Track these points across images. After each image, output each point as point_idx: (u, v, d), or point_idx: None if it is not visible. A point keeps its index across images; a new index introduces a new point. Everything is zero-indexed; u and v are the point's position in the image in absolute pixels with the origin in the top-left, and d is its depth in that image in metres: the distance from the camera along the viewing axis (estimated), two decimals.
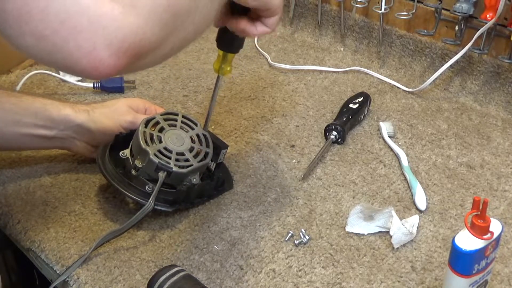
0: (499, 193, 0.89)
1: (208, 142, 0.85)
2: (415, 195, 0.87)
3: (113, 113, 0.88)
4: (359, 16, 1.23)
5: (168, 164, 0.79)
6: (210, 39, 1.30)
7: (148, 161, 0.79)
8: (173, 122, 0.85)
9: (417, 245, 0.80)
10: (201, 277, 0.75)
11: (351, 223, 0.83)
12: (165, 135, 0.82)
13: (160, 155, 0.79)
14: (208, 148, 0.84)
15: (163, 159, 0.79)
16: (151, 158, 0.78)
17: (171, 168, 0.78)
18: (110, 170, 0.81)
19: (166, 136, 0.82)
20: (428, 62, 1.16)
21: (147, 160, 0.79)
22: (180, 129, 0.85)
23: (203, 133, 0.86)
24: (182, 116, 0.87)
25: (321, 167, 0.94)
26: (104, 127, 0.86)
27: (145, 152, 0.79)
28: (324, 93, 1.12)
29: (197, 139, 0.85)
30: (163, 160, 0.79)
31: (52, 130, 0.85)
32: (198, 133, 0.86)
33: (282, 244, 0.80)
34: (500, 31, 1.04)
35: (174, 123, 0.85)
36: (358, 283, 0.75)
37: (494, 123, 1.04)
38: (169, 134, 0.83)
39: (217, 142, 0.87)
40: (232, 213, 0.85)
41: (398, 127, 1.03)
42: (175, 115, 0.86)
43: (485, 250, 0.62)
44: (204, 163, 0.83)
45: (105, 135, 0.86)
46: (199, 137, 0.85)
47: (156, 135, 0.81)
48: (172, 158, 0.80)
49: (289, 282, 0.75)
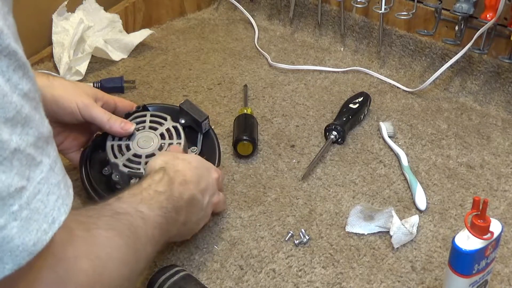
0: (499, 193, 0.89)
1: (179, 133, 0.85)
2: (415, 195, 0.87)
3: (74, 89, 0.83)
4: (359, 16, 1.23)
5: (138, 170, 0.80)
6: (210, 39, 1.31)
7: (120, 173, 0.80)
8: (141, 125, 0.85)
9: (417, 245, 0.80)
10: (201, 277, 0.75)
11: (351, 223, 0.83)
12: (133, 142, 0.83)
13: (129, 163, 0.80)
14: (179, 139, 0.84)
15: (133, 166, 0.80)
16: (121, 169, 0.80)
17: (141, 173, 0.79)
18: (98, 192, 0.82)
19: (134, 142, 0.83)
20: (428, 62, 1.16)
21: (119, 171, 0.80)
22: (148, 130, 0.85)
23: (173, 125, 0.86)
24: (150, 115, 0.87)
25: (321, 167, 0.94)
26: (59, 97, 0.80)
27: (115, 165, 0.80)
28: (324, 93, 1.12)
29: (168, 134, 0.85)
30: (133, 168, 0.80)
31: None
32: (168, 127, 0.85)
33: (282, 244, 0.80)
34: (500, 31, 1.04)
35: (142, 125, 0.85)
36: (358, 283, 0.75)
37: (494, 123, 1.04)
38: (138, 139, 0.83)
39: (195, 116, 0.88)
40: (232, 213, 0.85)
41: (398, 127, 1.03)
42: (143, 116, 0.86)
43: (485, 250, 0.62)
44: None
45: (58, 108, 0.80)
46: (169, 131, 0.85)
47: (125, 144, 0.82)
48: (142, 162, 0.80)
49: (289, 282, 0.75)
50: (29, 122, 0.44)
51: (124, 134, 0.83)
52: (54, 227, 0.45)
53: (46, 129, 0.46)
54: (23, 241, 0.43)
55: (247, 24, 1.35)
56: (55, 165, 0.46)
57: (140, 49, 1.24)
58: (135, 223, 0.61)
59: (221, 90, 1.13)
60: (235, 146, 0.94)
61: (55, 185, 0.46)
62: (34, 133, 0.44)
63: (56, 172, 0.46)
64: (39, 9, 1.15)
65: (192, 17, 1.38)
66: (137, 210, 0.63)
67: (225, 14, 1.39)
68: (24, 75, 0.43)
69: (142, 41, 1.23)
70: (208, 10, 1.41)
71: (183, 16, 1.38)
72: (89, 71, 1.15)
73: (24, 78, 0.43)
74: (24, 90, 0.43)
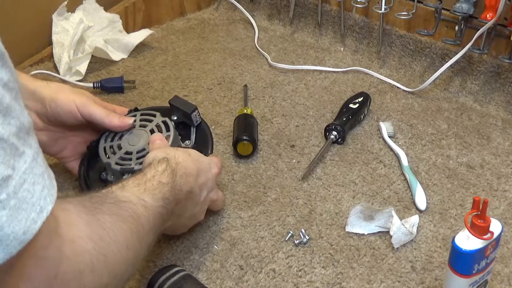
0: (499, 193, 0.89)
1: (168, 127, 0.86)
2: (415, 195, 0.87)
3: (70, 89, 0.84)
4: (359, 16, 1.23)
5: (130, 165, 0.81)
6: (210, 39, 1.31)
7: (113, 171, 0.82)
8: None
9: (417, 245, 0.81)
10: (201, 277, 0.75)
11: (351, 223, 0.83)
12: (124, 142, 0.84)
13: (121, 161, 0.82)
14: (168, 131, 0.85)
15: (125, 163, 0.81)
16: (113, 167, 0.81)
17: (132, 168, 0.80)
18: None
19: (125, 141, 0.84)
20: (428, 62, 1.16)
21: (112, 170, 0.82)
22: (138, 128, 0.86)
23: (162, 120, 0.87)
24: (140, 114, 0.88)
25: (321, 167, 0.94)
26: (57, 97, 0.81)
27: (108, 165, 0.82)
28: (324, 93, 1.12)
29: (157, 129, 0.86)
30: (124, 165, 0.81)
31: None
32: (157, 122, 0.87)
33: (282, 244, 0.80)
34: (500, 31, 1.04)
35: (133, 125, 0.86)
36: (358, 283, 0.75)
37: (494, 123, 1.04)
38: (128, 137, 0.85)
39: (184, 109, 0.89)
40: (232, 213, 0.85)
41: (398, 127, 1.03)
42: (133, 117, 0.87)
43: (485, 250, 0.62)
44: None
45: (56, 107, 0.81)
46: (158, 127, 0.86)
47: (116, 144, 0.84)
48: (133, 158, 0.82)
49: (289, 282, 0.75)
50: (10, 112, 0.44)
51: (123, 128, 0.84)
52: (42, 216, 0.46)
53: (27, 120, 0.46)
54: (13, 230, 0.43)
55: (247, 24, 1.35)
56: (37, 156, 0.47)
57: (140, 49, 1.24)
58: (138, 212, 0.62)
59: (221, 90, 1.13)
60: (235, 146, 0.94)
61: (39, 176, 0.46)
62: (16, 123, 0.44)
63: (39, 163, 0.47)
64: (39, 9, 1.15)
65: (192, 17, 1.38)
66: (140, 199, 0.63)
67: (225, 14, 1.39)
68: (3, 65, 0.43)
69: (142, 41, 1.23)
70: (208, 10, 1.41)
71: (183, 16, 1.38)
72: (89, 71, 1.16)
73: (3, 68, 0.43)
74: (4, 80, 0.43)
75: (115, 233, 0.56)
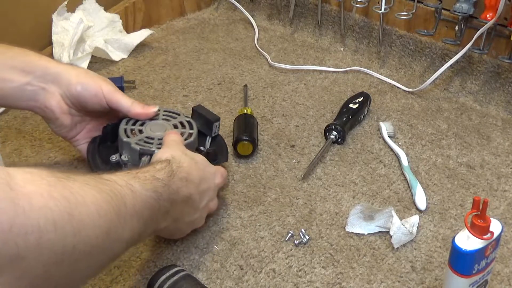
0: (499, 193, 0.89)
1: (192, 125, 0.86)
2: (415, 195, 0.87)
3: (98, 75, 0.85)
4: (359, 16, 1.23)
5: (150, 148, 0.80)
6: (210, 39, 1.31)
7: (131, 150, 0.80)
8: (154, 117, 0.86)
9: (417, 245, 0.81)
10: (201, 277, 0.75)
11: (351, 223, 0.83)
12: (146, 127, 0.84)
13: (142, 143, 0.81)
14: (191, 129, 0.85)
15: (145, 145, 0.80)
16: (132, 146, 0.79)
17: (153, 151, 0.78)
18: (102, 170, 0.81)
19: (147, 128, 0.84)
20: (428, 62, 1.16)
21: (130, 150, 0.80)
22: (162, 120, 0.86)
23: (187, 120, 0.87)
24: (163, 110, 0.88)
25: (321, 167, 0.94)
26: (85, 81, 0.82)
27: (127, 144, 0.80)
28: (324, 93, 1.12)
29: (181, 125, 0.86)
30: (145, 146, 0.80)
31: (27, 75, 0.79)
32: (181, 120, 0.87)
33: (282, 244, 0.80)
34: (500, 31, 1.04)
35: (155, 117, 0.86)
36: (358, 283, 0.75)
37: (494, 123, 1.04)
38: (150, 125, 0.84)
39: (208, 117, 0.89)
40: (232, 213, 0.85)
41: (398, 127, 1.03)
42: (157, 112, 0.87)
43: (485, 250, 0.62)
44: (189, 142, 0.83)
45: (83, 91, 0.81)
46: (182, 123, 0.86)
47: (138, 129, 0.83)
48: (154, 143, 0.81)
49: (289, 282, 0.75)
50: None
51: (147, 116, 0.84)
52: None
53: None
54: None
55: (247, 24, 1.35)
56: None
57: (140, 49, 1.24)
58: (122, 192, 0.60)
59: (221, 90, 1.13)
60: (235, 146, 0.94)
61: None
62: None
63: None
64: (39, 9, 1.15)
65: (192, 17, 1.39)
66: (127, 183, 0.61)
67: (225, 14, 1.39)
68: None
69: (142, 41, 1.23)
70: (208, 10, 1.41)
71: (183, 16, 1.38)
72: None
73: None
74: None
75: (83, 197, 0.54)
